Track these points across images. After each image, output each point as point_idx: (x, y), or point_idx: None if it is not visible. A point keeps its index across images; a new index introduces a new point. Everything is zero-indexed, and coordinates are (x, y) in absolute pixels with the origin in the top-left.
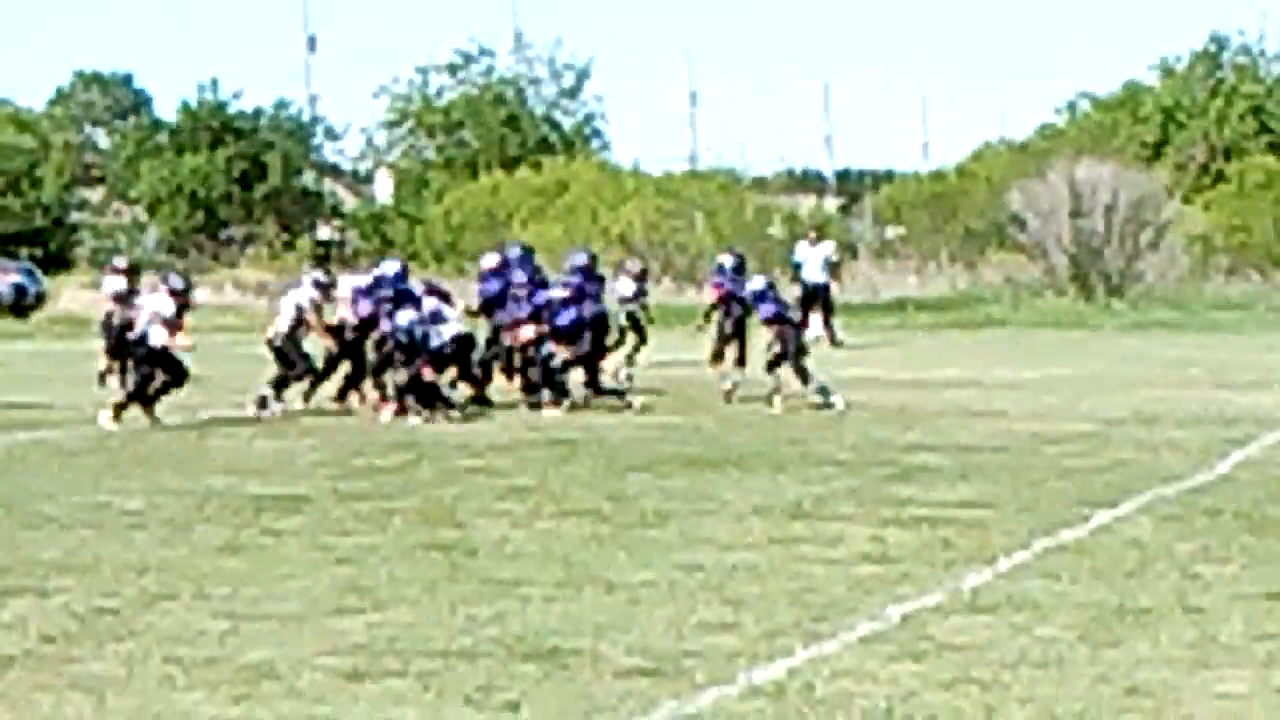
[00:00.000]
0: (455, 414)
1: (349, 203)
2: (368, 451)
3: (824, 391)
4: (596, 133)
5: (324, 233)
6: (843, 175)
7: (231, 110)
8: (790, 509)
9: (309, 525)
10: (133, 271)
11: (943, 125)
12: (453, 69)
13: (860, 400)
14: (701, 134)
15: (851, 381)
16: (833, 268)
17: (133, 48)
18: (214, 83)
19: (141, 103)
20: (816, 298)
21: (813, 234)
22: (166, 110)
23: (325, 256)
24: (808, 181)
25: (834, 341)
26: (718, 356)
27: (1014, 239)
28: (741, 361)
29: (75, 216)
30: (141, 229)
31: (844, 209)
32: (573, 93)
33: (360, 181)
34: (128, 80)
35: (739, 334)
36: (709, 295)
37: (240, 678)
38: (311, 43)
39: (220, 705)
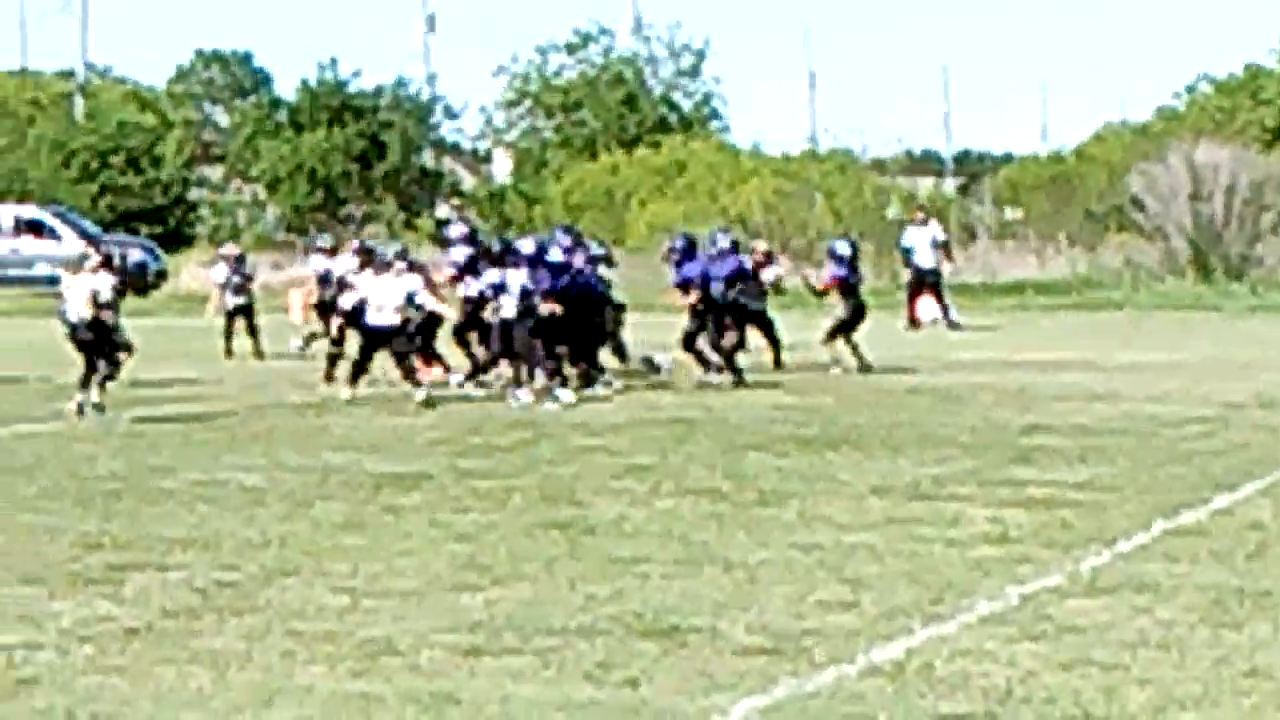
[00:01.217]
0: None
1: (468, 182)
2: (486, 429)
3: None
4: (715, 113)
5: (443, 211)
6: (961, 157)
7: (351, 89)
8: (909, 489)
9: (428, 502)
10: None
11: (1062, 107)
12: (571, 48)
13: (979, 382)
14: (820, 115)
15: (970, 364)
16: (943, 248)
17: (253, 26)
18: (333, 61)
19: (261, 81)
20: (926, 281)
21: (919, 215)
22: (286, 89)
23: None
24: (926, 163)
25: (951, 324)
26: (833, 336)
27: (1133, 222)
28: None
29: (195, 194)
30: (261, 207)
31: (962, 190)
32: (691, 73)
33: (479, 161)
34: (248, 59)
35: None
36: (822, 280)
37: (360, 653)
38: (431, 22)
39: (340, 680)
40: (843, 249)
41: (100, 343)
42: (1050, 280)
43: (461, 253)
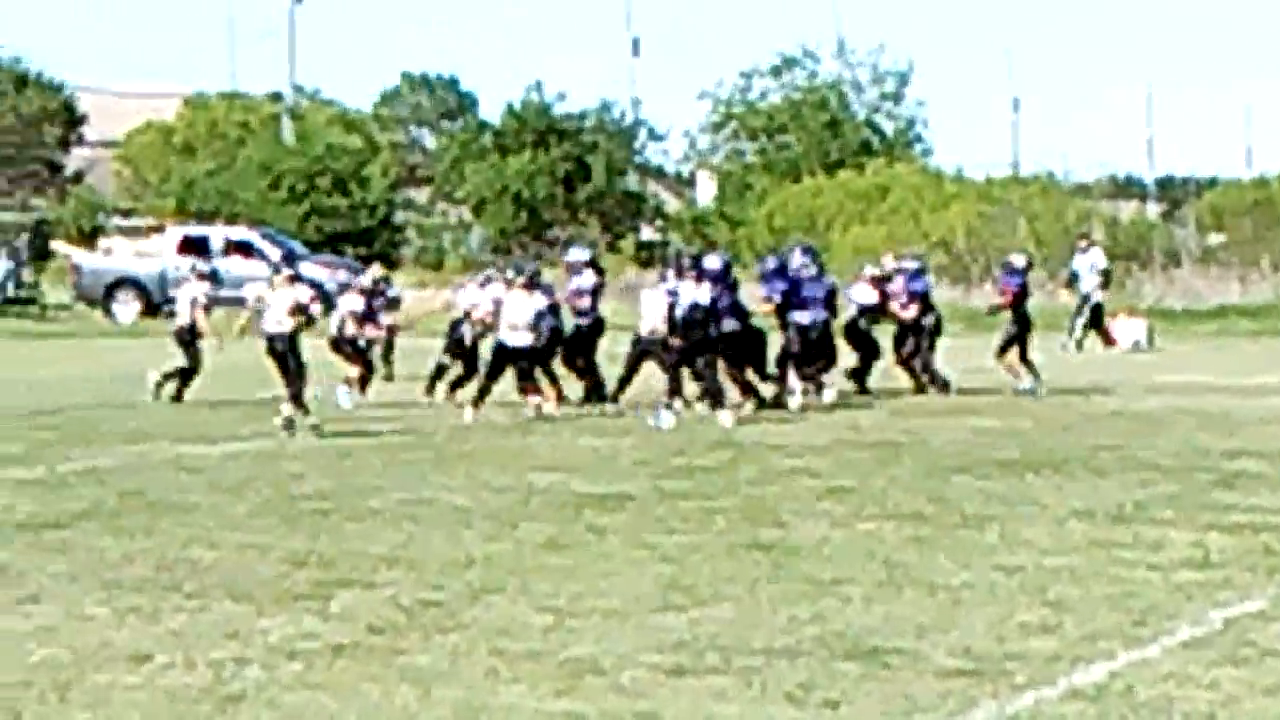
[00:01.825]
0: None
1: (671, 204)
2: (689, 451)
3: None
4: (918, 137)
5: (647, 234)
6: (1165, 182)
7: (556, 112)
8: (1111, 513)
9: (632, 523)
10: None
11: (1267, 131)
12: (775, 72)
13: (1182, 406)
14: (1023, 139)
15: (1173, 387)
16: (1103, 276)
17: (459, 50)
18: (539, 85)
19: (467, 104)
20: (1088, 305)
21: (1083, 242)
22: (492, 112)
23: (649, 259)
24: (1130, 188)
25: (1079, 346)
26: (1005, 351)
27: None
28: (1024, 358)
29: (401, 216)
30: (467, 229)
31: (1166, 215)
32: (895, 97)
33: (682, 184)
34: (453, 82)
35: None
36: (1001, 297)
37: (564, 672)
38: (635, 45)
39: (543, 699)
40: (1019, 261)
41: (293, 356)
42: (1254, 305)
43: (588, 279)
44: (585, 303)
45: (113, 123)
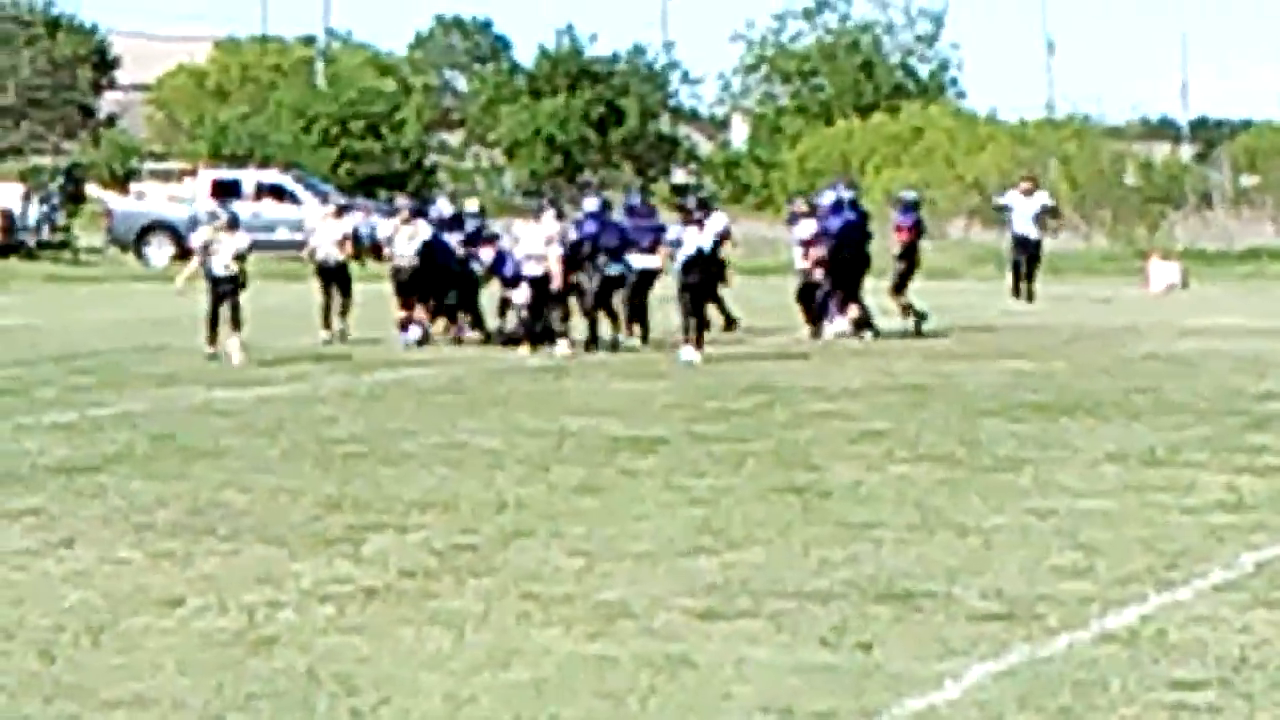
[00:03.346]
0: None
1: (704, 148)
2: (721, 394)
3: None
4: (952, 80)
5: (679, 177)
6: (1199, 124)
7: (589, 55)
8: (1144, 456)
9: (664, 466)
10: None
11: None
12: (809, 15)
13: (1215, 349)
14: (1057, 82)
15: (1206, 330)
16: (1047, 214)
17: None
18: (570, 28)
19: (500, 48)
20: (1027, 251)
21: (1025, 184)
22: (525, 55)
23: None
24: (1164, 130)
25: (1030, 298)
26: (899, 290)
27: None
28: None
29: (434, 159)
30: (499, 172)
31: (1199, 158)
32: (929, 40)
33: (716, 127)
34: (487, 25)
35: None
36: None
37: (596, 615)
38: None
39: (576, 642)
40: (911, 196)
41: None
42: None
43: (592, 225)
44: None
45: (145, 66)
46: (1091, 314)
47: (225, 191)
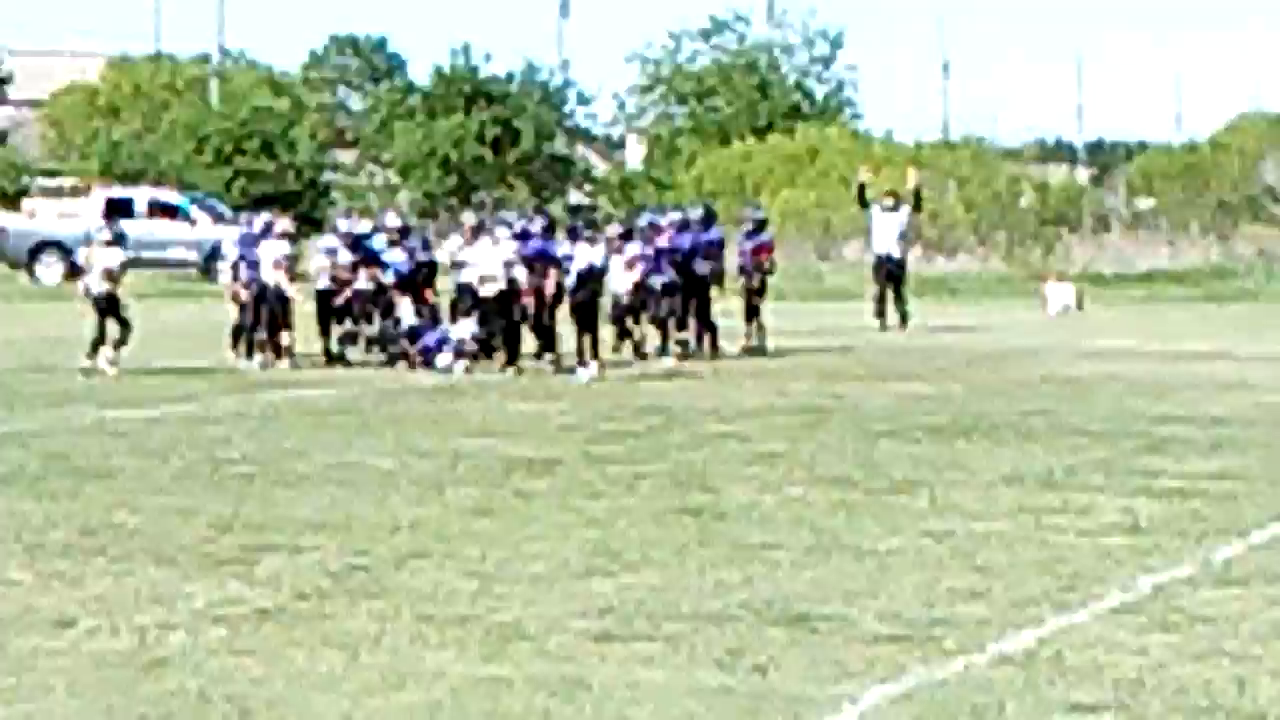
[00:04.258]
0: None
1: (600, 168)
2: (618, 415)
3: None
4: (849, 101)
5: (575, 198)
6: (1094, 146)
7: (484, 75)
8: (1040, 478)
9: (559, 488)
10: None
11: (1196, 96)
12: (705, 35)
13: (1111, 371)
14: (953, 104)
15: (1102, 353)
16: (908, 233)
17: (387, 11)
18: (466, 47)
19: (395, 66)
20: (888, 270)
21: (887, 200)
22: (420, 74)
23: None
24: (1060, 152)
25: (903, 321)
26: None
27: (1267, 211)
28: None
29: (328, 178)
30: (394, 192)
31: (1095, 180)
32: (826, 61)
33: (611, 147)
34: (381, 44)
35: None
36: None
37: (490, 637)
38: (564, 7)
39: (470, 664)
40: (760, 215)
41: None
42: (1183, 270)
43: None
44: None
45: (37, 83)
46: (987, 336)
47: (118, 210)
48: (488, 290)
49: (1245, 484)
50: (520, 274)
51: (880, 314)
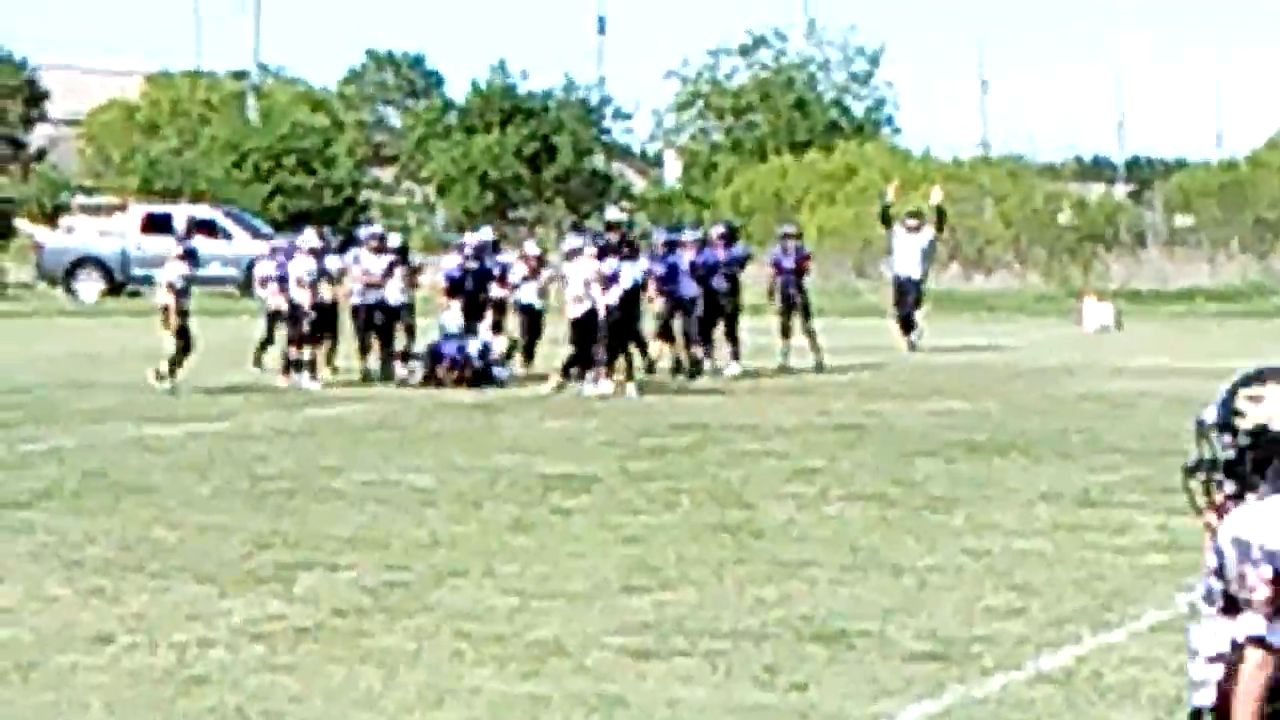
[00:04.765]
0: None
1: (637, 185)
2: (655, 432)
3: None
4: (887, 118)
5: (612, 214)
6: (1133, 163)
7: (521, 91)
8: (1078, 496)
9: (597, 504)
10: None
11: (1236, 113)
12: (744, 51)
13: (1149, 389)
14: (992, 120)
15: (1140, 370)
16: (930, 255)
17: (425, 28)
18: (503, 64)
19: (433, 83)
20: (905, 292)
21: (911, 221)
22: (458, 91)
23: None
24: (1098, 169)
25: (911, 345)
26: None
27: None
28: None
29: (366, 195)
30: (431, 209)
31: (1134, 196)
32: (864, 78)
33: (649, 163)
34: (419, 61)
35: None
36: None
37: (529, 654)
38: (601, 24)
39: (509, 681)
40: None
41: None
42: (1221, 287)
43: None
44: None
45: (76, 100)
46: (1025, 354)
47: (157, 226)
48: (575, 310)
49: None
50: (598, 292)
51: (907, 333)
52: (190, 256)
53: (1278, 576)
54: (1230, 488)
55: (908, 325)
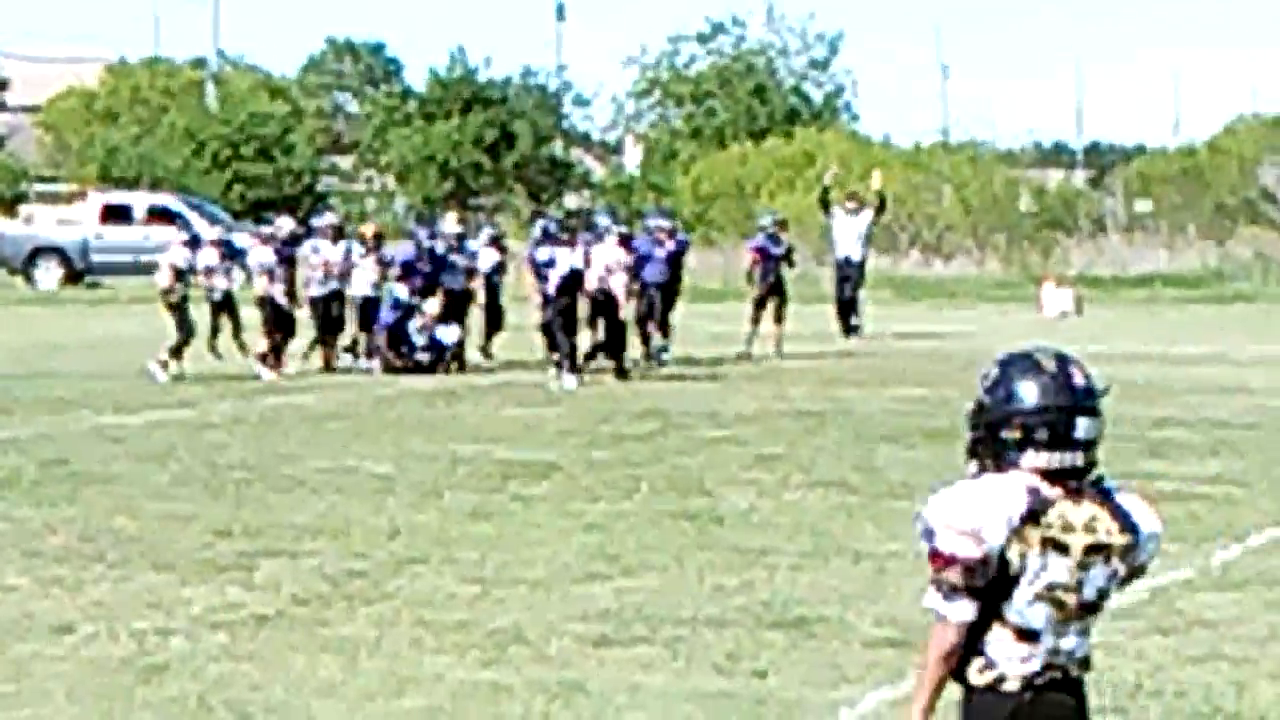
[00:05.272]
0: None
1: (597, 172)
2: (615, 419)
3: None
4: (846, 105)
5: (572, 202)
6: (1092, 149)
7: (481, 79)
8: None
9: (557, 492)
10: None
11: (1194, 99)
12: (703, 38)
13: (1109, 374)
14: (951, 107)
15: (1100, 356)
16: (870, 236)
17: (384, 16)
18: (462, 51)
19: (392, 71)
20: (847, 275)
21: (850, 203)
22: (417, 78)
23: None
24: (1057, 155)
25: (854, 331)
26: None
27: (1264, 214)
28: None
29: (325, 183)
30: (391, 197)
31: (1093, 183)
32: (823, 64)
33: (608, 151)
34: (379, 48)
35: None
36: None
37: (489, 642)
38: (560, 11)
39: (469, 669)
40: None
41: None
42: (1180, 273)
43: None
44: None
45: (34, 89)
46: (985, 340)
47: (116, 215)
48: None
49: (1243, 488)
50: (620, 280)
51: (843, 319)
52: (194, 243)
53: (934, 554)
54: (972, 467)
55: (846, 311)
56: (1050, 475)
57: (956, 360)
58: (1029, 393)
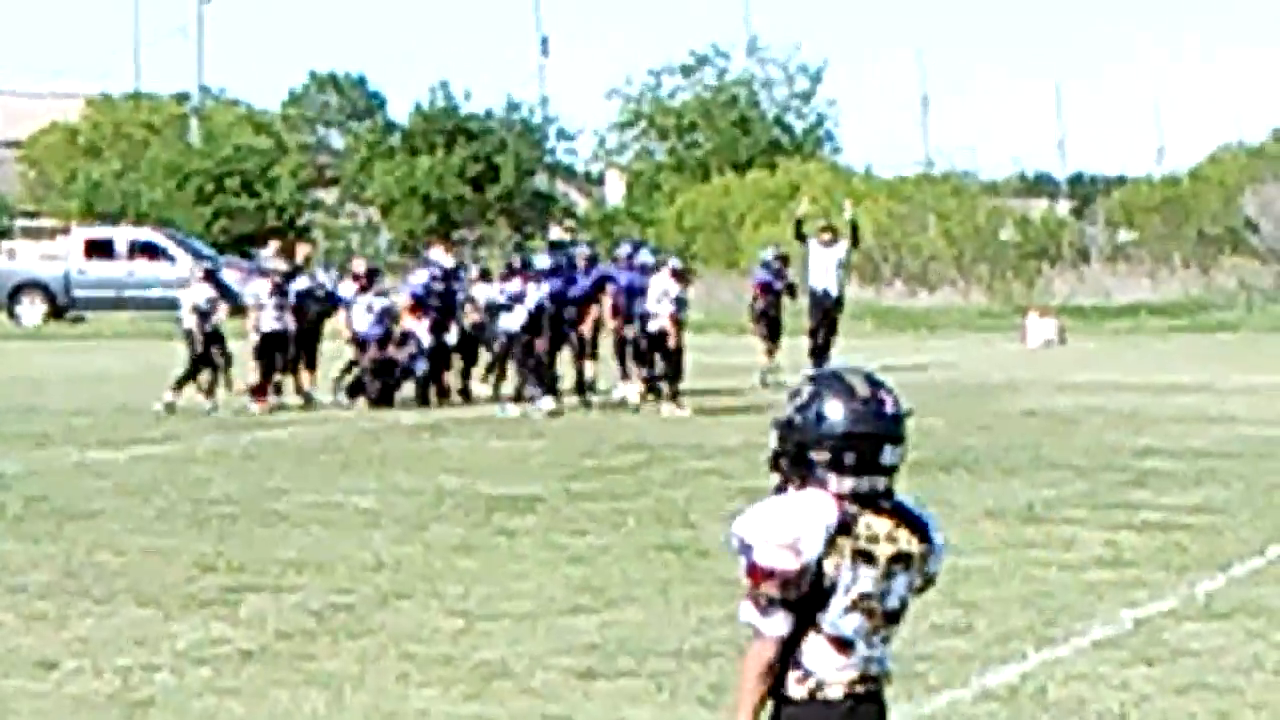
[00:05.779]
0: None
1: (580, 205)
2: (599, 452)
3: None
4: (829, 135)
5: (556, 234)
6: (1075, 179)
7: (463, 112)
8: (1022, 513)
9: (542, 525)
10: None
11: (1177, 129)
12: (686, 71)
13: (1093, 404)
14: (933, 137)
15: (1084, 386)
16: (846, 269)
17: (367, 50)
18: (445, 85)
19: (375, 105)
20: (824, 307)
21: (825, 235)
22: (400, 112)
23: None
24: (1040, 185)
25: (818, 362)
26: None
27: (1247, 243)
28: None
29: (309, 217)
30: (375, 230)
31: (1076, 213)
32: (806, 96)
33: (592, 183)
34: (361, 82)
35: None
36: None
37: (474, 676)
38: (544, 45)
39: (454, 703)
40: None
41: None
42: (1164, 302)
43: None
44: None
45: (16, 123)
46: (969, 370)
47: (99, 250)
48: (653, 326)
49: (1227, 517)
50: (666, 309)
51: (815, 353)
52: (212, 277)
53: (752, 569)
54: (775, 479)
55: (819, 354)
56: (855, 499)
57: (940, 390)
58: (840, 417)
